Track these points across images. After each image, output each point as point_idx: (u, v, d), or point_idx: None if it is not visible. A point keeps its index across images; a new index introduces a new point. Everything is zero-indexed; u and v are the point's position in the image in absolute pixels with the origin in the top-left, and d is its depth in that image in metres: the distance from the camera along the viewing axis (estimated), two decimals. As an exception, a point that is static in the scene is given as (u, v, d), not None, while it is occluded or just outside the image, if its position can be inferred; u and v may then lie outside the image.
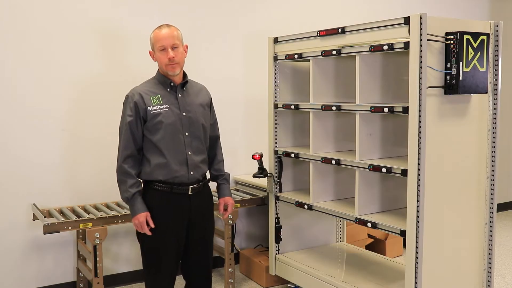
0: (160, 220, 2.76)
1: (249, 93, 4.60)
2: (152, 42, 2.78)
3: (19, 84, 3.71)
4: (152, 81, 2.83)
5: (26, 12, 3.68)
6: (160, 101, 2.74)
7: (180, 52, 2.76)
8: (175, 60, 2.72)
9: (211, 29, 4.39)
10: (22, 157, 3.74)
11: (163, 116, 2.72)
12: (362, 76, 3.15)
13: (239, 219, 4.42)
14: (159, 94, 2.76)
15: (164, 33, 2.73)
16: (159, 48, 2.73)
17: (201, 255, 2.90)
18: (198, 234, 2.85)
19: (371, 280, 3.48)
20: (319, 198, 3.61)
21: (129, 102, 2.74)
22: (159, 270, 2.80)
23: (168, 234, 2.77)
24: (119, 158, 2.74)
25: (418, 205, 2.81)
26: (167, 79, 2.79)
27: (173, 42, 2.73)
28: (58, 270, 3.92)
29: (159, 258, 2.79)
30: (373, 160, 3.22)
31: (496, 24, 3.05)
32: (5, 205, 3.72)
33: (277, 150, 3.84)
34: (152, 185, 2.77)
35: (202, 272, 2.93)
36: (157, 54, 2.75)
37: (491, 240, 3.18)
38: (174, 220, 2.78)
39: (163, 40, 2.72)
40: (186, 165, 2.76)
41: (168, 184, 2.74)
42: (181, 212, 2.79)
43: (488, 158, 3.14)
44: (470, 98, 3.01)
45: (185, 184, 2.77)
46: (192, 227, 2.82)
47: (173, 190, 2.75)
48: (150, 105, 2.72)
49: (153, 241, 2.78)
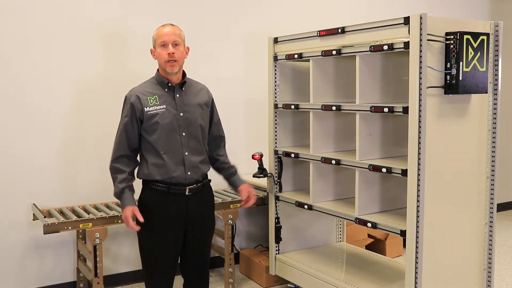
0: (158, 220, 2.76)
1: (249, 93, 4.60)
2: (154, 39, 2.79)
3: (19, 84, 3.71)
4: (150, 81, 2.84)
5: (26, 14, 3.68)
6: (157, 101, 2.74)
7: (180, 50, 2.76)
8: (175, 56, 2.72)
9: (211, 29, 4.39)
10: (22, 157, 3.74)
11: (159, 117, 2.71)
12: (362, 76, 3.15)
13: (239, 219, 4.41)
14: (156, 94, 2.76)
15: (167, 30, 2.75)
16: (160, 43, 2.73)
17: (198, 256, 2.90)
18: (196, 235, 2.85)
19: (371, 280, 3.48)
20: (319, 198, 3.61)
21: (126, 103, 2.77)
22: (156, 270, 2.81)
23: (165, 234, 2.77)
24: (111, 158, 2.80)
25: (418, 205, 2.80)
26: (164, 79, 2.78)
27: (175, 39, 2.74)
28: (58, 270, 3.92)
29: (155, 258, 2.79)
30: (373, 160, 3.22)
31: (496, 24, 3.05)
32: (5, 205, 3.72)
33: (277, 150, 3.84)
34: (150, 184, 2.78)
35: (198, 271, 2.93)
36: (158, 50, 2.75)
37: (491, 240, 3.18)
38: (172, 220, 2.77)
39: (164, 36, 2.73)
40: (183, 166, 2.75)
41: (165, 184, 2.74)
42: (179, 212, 2.78)
43: (488, 158, 3.14)
44: (470, 98, 3.01)
45: (182, 185, 2.76)
46: (190, 227, 2.81)
47: (170, 190, 2.75)
48: (147, 106, 2.72)
49: (150, 241, 2.78)
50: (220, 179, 3.05)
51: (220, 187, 4.42)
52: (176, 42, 2.74)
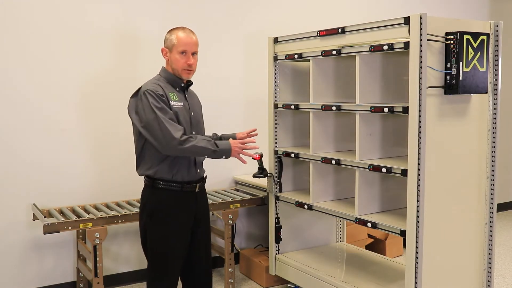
0: (174, 220, 2.77)
1: (249, 93, 4.60)
2: (172, 43, 2.78)
3: (20, 84, 3.71)
4: (161, 79, 2.83)
5: (27, 16, 3.68)
6: (176, 98, 2.78)
7: (196, 59, 2.84)
8: (193, 67, 2.80)
9: (211, 29, 4.39)
10: (22, 157, 3.74)
11: (180, 114, 2.75)
12: (362, 76, 3.15)
13: (239, 219, 4.41)
14: (174, 91, 2.80)
15: (189, 40, 2.77)
16: (180, 51, 2.76)
17: (204, 253, 2.94)
18: (203, 231, 2.92)
19: (371, 280, 3.48)
20: (319, 198, 3.61)
21: (152, 95, 2.66)
22: (166, 273, 2.79)
23: (180, 234, 2.79)
24: (175, 145, 2.60)
25: (418, 205, 2.80)
26: (178, 79, 2.82)
27: (195, 50, 2.81)
28: (58, 270, 3.92)
29: (167, 260, 2.79)
30: (373, 160, 3.22)
31: (496, 24, 3.05)
32: (5, 205, 3.72)
33: (277, 150, 3.84)
34: (158, 184, 2.75)
35: (206, 267, 2.97)
36: (175, 56, 2.77)
37: (491, 240, 3.18)
38: (185, 220, 2.81)
39: (186, 45, 2.76)
40: (195, 163, 2.81)
41: (178, 183, 2.76)
42: (190, 210, 2.82)
43: (488, 158, 3.14)
44: (470, 98, 3.01)
45: (193, 182, 2.82)
46: (197, 225, 2.86)
47: (183, 189, 2.77)
48: (171, 100, 2.74)
49: (165, 244, 2.77)
50: (220, 179, 3.06)
51: (220, 187, 4.42)
52: (195, 51, 2.80)
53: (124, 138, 3.99)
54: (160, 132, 2.61)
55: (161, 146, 2.63)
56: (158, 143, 2.63)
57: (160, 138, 2.62)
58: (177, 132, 2.62)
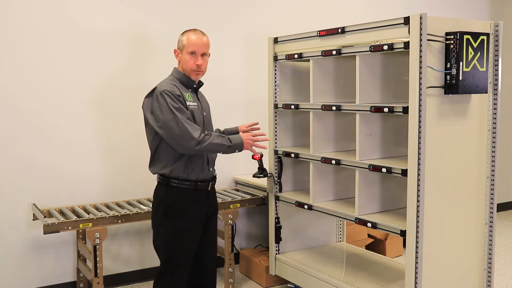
0: (189, 220, 2.81)
1: (249, 93, 4.60)
2: (182, 44, 2.83)
3: (20, 85, 3.70)
4: (174, 79, 2.87)
5: (23, 16, 3.68)
6: (191, 98, 2.83)
7: (206, 60, 2.87)
8: (202, 68, 2.83)
9: (211, 29, 4.37)
10: (22, 157, 3.74)
11: (195, 113, 2.79)
12: (362, 76, 3.15)
13: (239, 219, 4.42)
14: (188, 92, 2.84)
15: (199, 40, 2.81)
16: (189, 51, 2.80)
17: (214, 247, 3.03)
18: (211, 231, 2.97)
19: (371, 280, 3.48)
20: (319, 198, 3.61)
21: (169, 96, 2.69)
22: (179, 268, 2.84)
23: (193, 232, 2.83)
24: (194, 144, 2.64)
25: (418, 205, 2.80)
26: (191, 81, 2.87)
27: (205, 51, 2.83)
28: (58, 270, 3.92)
29: (182, 255, 2.83)
30: (373, 160, 3.22)
31: (496, 24, 3.05)
32: (5, 205, 3.71)
33: (277, 150, 3.84)
34: (171, 183, 2.79)
35: (213, 263, 3.02)
36: (185, 57, 2.81)
37: (491, 240, 3.18)
38: (199, 219, 2.85)
39: (196, 46, 2.80)
40: (207, 162, 2.86)
41: (192, 182, 2.79)
42: (202, 208, 2.87)
43: (488, 158, 3.14)
44: (470, 98, 3.01)
45: (207, 181, 2.87)
46: (208, 221, 2.92)
47: (197, 188, 2.81)
48: (187, 100, 2.79)
49: (179, 239, 2.81)
50: (220, 179, 3.07)
51: (220, 187, 4.42)
52: (205, 53, 2.83)
53: (124, 138, 3.99)
54: (179, 132, 2.66)
55: (179, 145, 2.69)
56: (176, 143, 2.69)
57: (178, 138, 2.67)
58: (195, 131, 2.67)
